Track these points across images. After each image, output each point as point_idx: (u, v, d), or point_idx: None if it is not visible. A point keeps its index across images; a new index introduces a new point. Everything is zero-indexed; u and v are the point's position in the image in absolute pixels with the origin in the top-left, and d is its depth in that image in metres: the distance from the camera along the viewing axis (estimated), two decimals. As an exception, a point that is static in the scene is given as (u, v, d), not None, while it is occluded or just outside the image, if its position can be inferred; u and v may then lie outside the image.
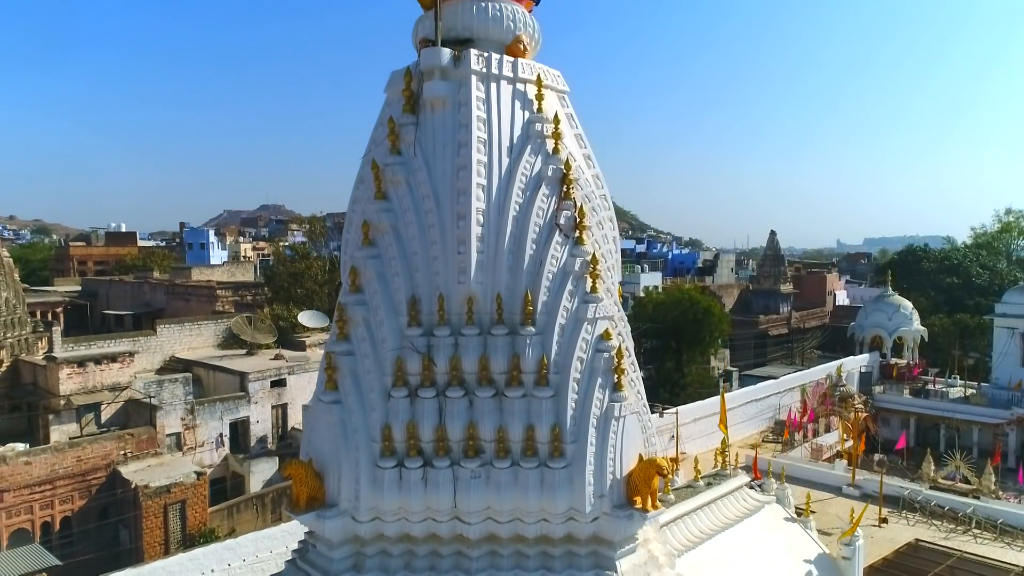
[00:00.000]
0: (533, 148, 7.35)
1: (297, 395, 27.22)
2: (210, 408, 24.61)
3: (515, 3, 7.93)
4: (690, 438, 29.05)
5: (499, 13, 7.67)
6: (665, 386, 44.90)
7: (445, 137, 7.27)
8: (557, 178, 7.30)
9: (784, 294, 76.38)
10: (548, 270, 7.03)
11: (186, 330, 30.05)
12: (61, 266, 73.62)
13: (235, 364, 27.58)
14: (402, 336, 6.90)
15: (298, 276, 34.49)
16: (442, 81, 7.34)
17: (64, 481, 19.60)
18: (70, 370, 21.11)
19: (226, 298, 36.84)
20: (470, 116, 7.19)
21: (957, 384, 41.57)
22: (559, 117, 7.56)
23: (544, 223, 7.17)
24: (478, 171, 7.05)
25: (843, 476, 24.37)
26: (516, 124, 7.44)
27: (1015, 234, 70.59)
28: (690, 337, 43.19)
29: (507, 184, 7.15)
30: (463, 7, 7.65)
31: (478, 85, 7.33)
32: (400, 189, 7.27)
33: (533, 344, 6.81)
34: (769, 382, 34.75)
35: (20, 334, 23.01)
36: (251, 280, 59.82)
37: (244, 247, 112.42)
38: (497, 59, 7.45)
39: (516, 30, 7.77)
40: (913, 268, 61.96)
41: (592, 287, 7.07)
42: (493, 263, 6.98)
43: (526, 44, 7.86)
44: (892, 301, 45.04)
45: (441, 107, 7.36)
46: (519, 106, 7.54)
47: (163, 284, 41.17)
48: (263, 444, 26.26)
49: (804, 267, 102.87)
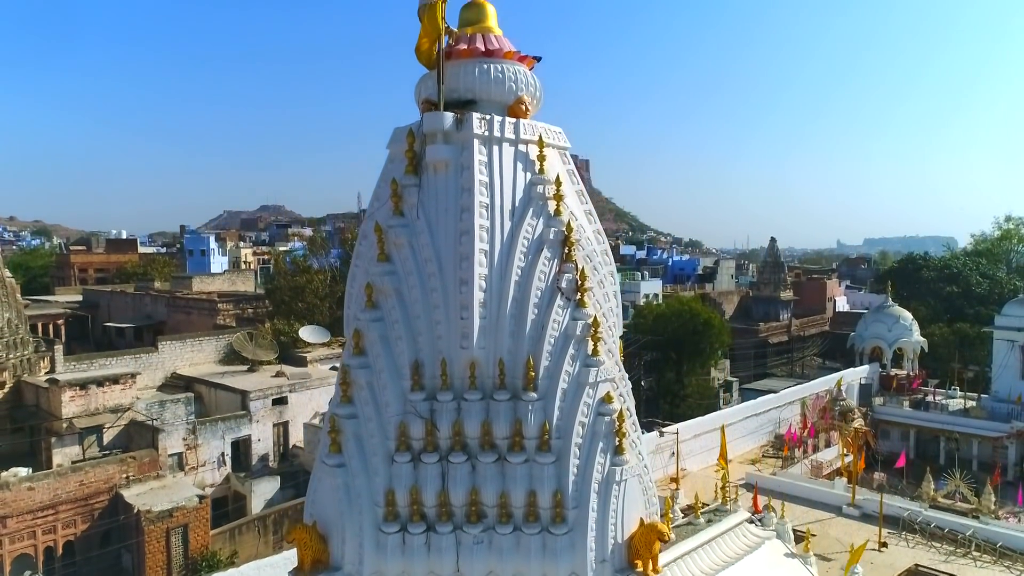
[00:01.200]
0: (535, 210, 7.42)
1: (298, 413, 27.28)
2: (212, 428, 24.69)
3: (517, 63, 8.03)
4: (690, 454, 29.12)
5: (501, 75, 7.75)
6: (665, 397, 45.07)
7: (448, 201, 7.35)
8: (559, 240, 7.37)
9: (784, 301, 76.53)
10: (550, 334, 7.09)
11: (188, 346, 30.13)
12: (62, 273, 73.76)
13: (236, 381, 27.65)
14: (405, 400, 6.97)
15: (299, 290, 34.58)
16: (444, 145, 7.42)
17: (67, 506, 19.67)
18: (72, 393, 21.18)
19: (227, 311, 36.94)
20: (472, 180, 7.26)
21: (957, 396, 41.65)
22: (560, 177, 7.65)
23: (546, 287, 7.24)
24: (481, 236, 7.12)
25: (843, 496, 24.42)
26: (518, 186, 7.51)
27: (1015, 241, 70.74)
28: (690, 348, 43.29)
29: (509, 248, 7.22)
30: (465, 69, 7.74)
31: (480, 148, 7.41)
32: (403, 252, 7.34)
33: (535, 410, 6.88)
34: (769, 396, 34.81)
35: (22, 354, 23.09)
36: (252, 290, 60.06)
37: (245, 252, 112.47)
38: (499, 121, 7.53)
39: (518, 91, 7.85)
40: (913, 276, 62.05)
41: (594, 350, 7.14)
42: (495, 328, 7.04)
43: (528, 105, 7.94)
44: (892, 312, 45.13)
45: (444, 170, 7.43)
46: (521, 167, 7.61)
47: (164, 296, 41.24)
48: (264, 462, 26.33)
49: (804, 272, 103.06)
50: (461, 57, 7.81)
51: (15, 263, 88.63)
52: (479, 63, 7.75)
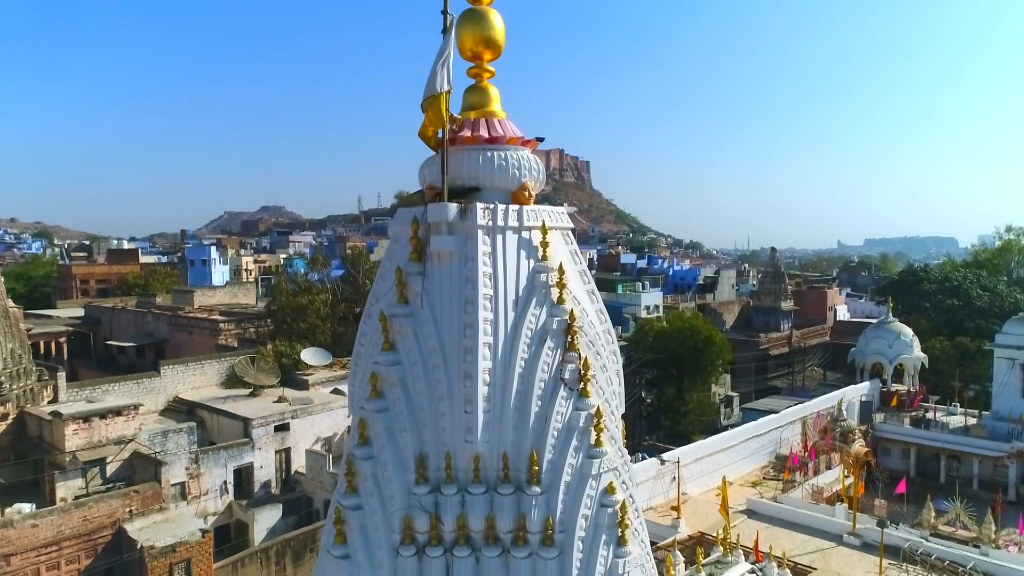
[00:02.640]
0: (538, 299, 7.49)
1: (300, 439, 27.36)
2: (214, 456, 24.77)
3: (520, 147, 8.12)
4: (691, 478, 29.16)
5: (504, 163, 7.83)
6: (666, 413, 45.12)
7: (452, 291, 7.42)
8: (562, 330, 7.43)
9: (785, 311, 76.68)
10: (553, 426, 7.16)
11: (190, 370, 30.20)
12: (64, 284, 73.92)
13: (239, 407, 27.73)
14: (410, 493, 7.04)
15: (301, 310, 34.67)
16: (449, 236, 7.50)
17: (70, 542, 19.71)
18: (76, 426, 21.25)
19: (229, 331, 37.04)
20: (476, 272, 7.34)
21: (957, 412, 41.76)
22: (563, 266, 7.73)
23: (549, 378, 7.31)
24: (485, 329, 7.19)
25: (844, 524, 24.45)
26: (522, 275, 7.58)
27: (1015, 252, 70.83)
28: (691, 365, 43.36)
29: (513, 340, 7.29)
30: (469, 157, 7.82)
31: (484, 239, 7.48)
32: (408, 341, 7.41)
33: (538, 504, 6.95)
34: (770, 416, 34.86)
35: (25, 384, 23.17)
36: (253, 302, 60.20)
37: (246, 260, 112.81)
38: (503, 210, 7.60)
39: (522, 177, 7.93)
40: (913, 289, 62.12)
41: (596, 440, 7.21)
42: (499, 422, 7.12)
43: (531, 190, 8.02)
44: (892, 328, 45.24)
45: (448, 259, 7.51)
46: (524, 255, 7.68)
47: (166, 315, 41.36)
48: (267, 489, 26.40)
49: (804, 281, 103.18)
50: (465, 144, 7.89)
51: (16, 273, 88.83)
52: (483, 151, 7.83)
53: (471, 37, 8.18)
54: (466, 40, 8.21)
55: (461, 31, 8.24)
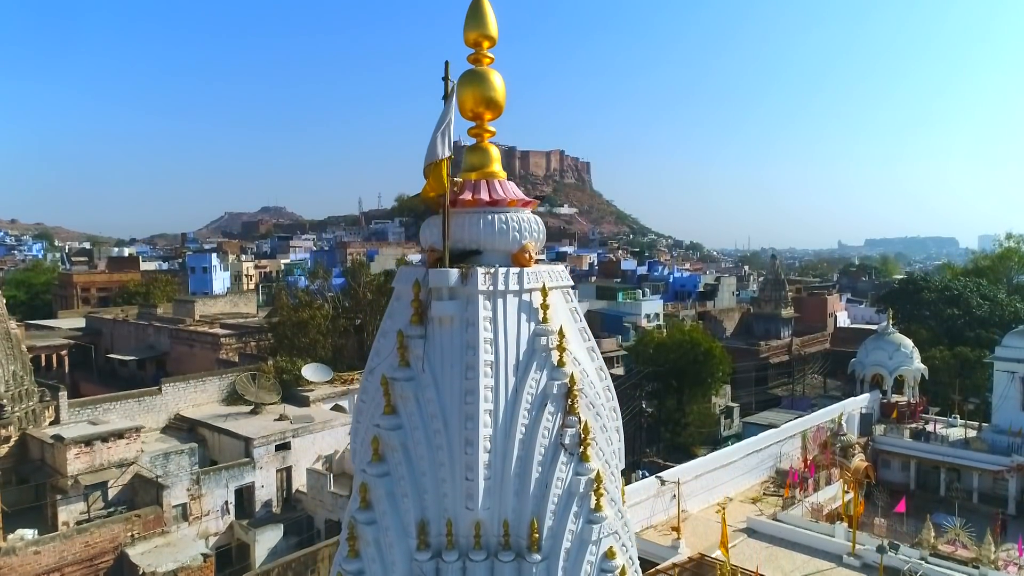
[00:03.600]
0: (539, 363, 7.55)
1: (301, 457, 27.42)
2: (216, 476, 24.83)
3: (521, 208, 8.19)
4: (691, 495, 29.20)
5: (505, 226, 7.90)
6: (666, 425, 45.19)
7: (453, 356, 7.48)
8: (562, 394, 7.50)
9: (785, 319, 76.75)
10: (554, 492, 7.23)
11: (191, 387, 30.27)
12: (65, 292, 74.02)
13: (240, 426, 27.79)
14: (411, 560, 7.11)
15: (302, 325, 34.77)
16: (450, 301, 7.57)
17: (72, 567, 19.77)
18: (77, 450, 21.31)
19: (230, 345, 37.14)
20: (477, 338, 7.40)
21: (957, 424, 41.85)
22: (564, 326, 7.81)
23: (549, 443, 7.38)
24: (485, 396, 7.26)
25: (843, 544, 24.50)
26: (522, 339, 7.64)
27: (1015, 260, 70.89)
28: (691, 377, 43.41)
29: (514, 405, 7.36)
30: (470, 220, 7.89)
31: (485, 304, 7.55)
32: (409, 405, 7.47)
33: (539, 571, 7.01)
34: (770, 431, 34.91)
35: (27, 406, 23.24)
36: (253, 311, 60.32)
37: (246, 266, 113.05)
38: (503, 274, 7.66)
39: (523, 239, 8.00)
40: (914, 298, 62.20)
41: (596, 504, 7.28)
42: (500, 489, 7.18)
43: (531, 252, 8.08)
44: (892, 339, 45.35)
45: (449, 324, 7.57)
46: (525, 318, 7.75)
47: (167, 328, 41.45)
48: (268, 508, 26.46)
49: (804, 286, 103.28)
50: (466, 207, 7.96)
51: (17, 280, 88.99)
52: (484, 214, 7.90)
53: (472, 98, 8.26)
54: (467, 100, 8.29)
55: (462, 92, 8.32)
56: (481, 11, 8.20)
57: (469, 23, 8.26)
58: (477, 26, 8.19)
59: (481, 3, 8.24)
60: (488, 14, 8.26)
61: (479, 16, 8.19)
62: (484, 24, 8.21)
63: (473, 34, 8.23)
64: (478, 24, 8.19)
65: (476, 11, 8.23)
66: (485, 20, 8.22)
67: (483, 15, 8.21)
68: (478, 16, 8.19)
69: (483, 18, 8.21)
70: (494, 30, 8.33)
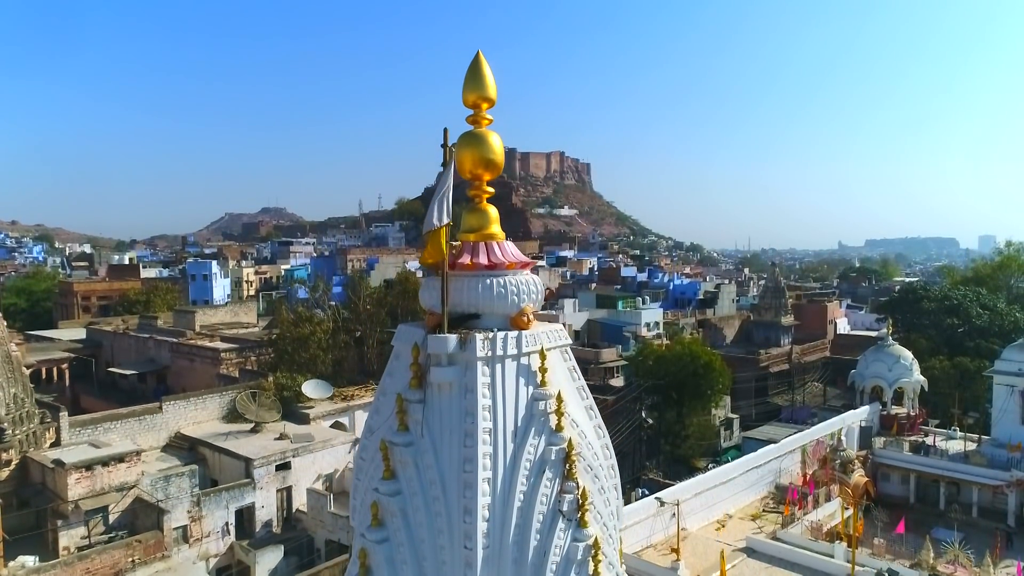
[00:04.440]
0: (537, 429, 7.60)
1: (301, 477, 27.46)
2: (216, 498, 24.88)
3: (520, 269, 8.24)
4: (691, 513, 29.21)
5: (503, 290, 7.94)
6: (666, 437, 45.22)
7: (452, 422, 7.53)
8: (560, 459, 7.55)
9: (785, 326, 76.79)
10: (552, 560, 7.28)
11: (191, 405, 30.31)
12: (65, 301, 74.09)
13: (240, 445, 27.84)
14: (411, 628, 7.16)
15: (302, 340, 34.85)
16: (448, 367, 7.61)
17: (72, 594, 19.84)
18: (78, 475, 21.36)
19: (230, 360, 37.22)
20: (476, 404, 7.44)
21: (957, 436, 41.86)
22: (562, 387, 7.87)
23: (548, 510, 7.42)
24: (484, 464, 7.30)
25: (843, 566, 24.53)
26: (520, 404, 7.69)
27: (1014, 268, 70.93)
28: (691, 390, 43.45)
29: (512, 472, 7.41)
30: (469, 284, 7.93)
31: (483, 370, 7.59)
32: (408, 471, 7.52)
33: (537, 640, 7.07)
34: (770, 447, 34.92)
35: (27, 428, 23.29)
36: (254, 321, 60.41)
37: (247, 272, 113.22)
38: (502, 339, 7.71)
39: (520, 303, 8.03)
40: (914, 307, 62.25)
41: (595, 571, 7.33)
42: (498, 557, 7.23)
43: (529, 315, 8.13)
44: (892, 351, 45.38)
45: (448, 390, 7.62)
46: (523, 382, 7.79)
47: (168, 342, 41.54)
48: (268, 528, 26.51)
49: (804, 293, 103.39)
50: (465, 270, 8.01)
51: (18, 287, 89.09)
52: (482, 278, 7.94)
53: (470, 159, 8.32)
54: (465, 161, 8.34)
55: (461, 153, 8.38)
56: (480, 73, 8.27)
57: (468, 85, 8.31)
58: (476, 88, 8.25)
59: (480, 65, 8.31)
60: (487, 76, 8.32)
61: (478, 78, 8.26)
62: (483, 86, 8.27)
63: (472, 95, 8.28)
64: (477, 86, 8.25)
65: (475, 73, 8.29)
66: (484, 82, 8.28)
67: (482, 77, 8.27)
68: (477, 78, 8.26)
69: (482, 80, 8.27)
70: (493, 92, 8.39)
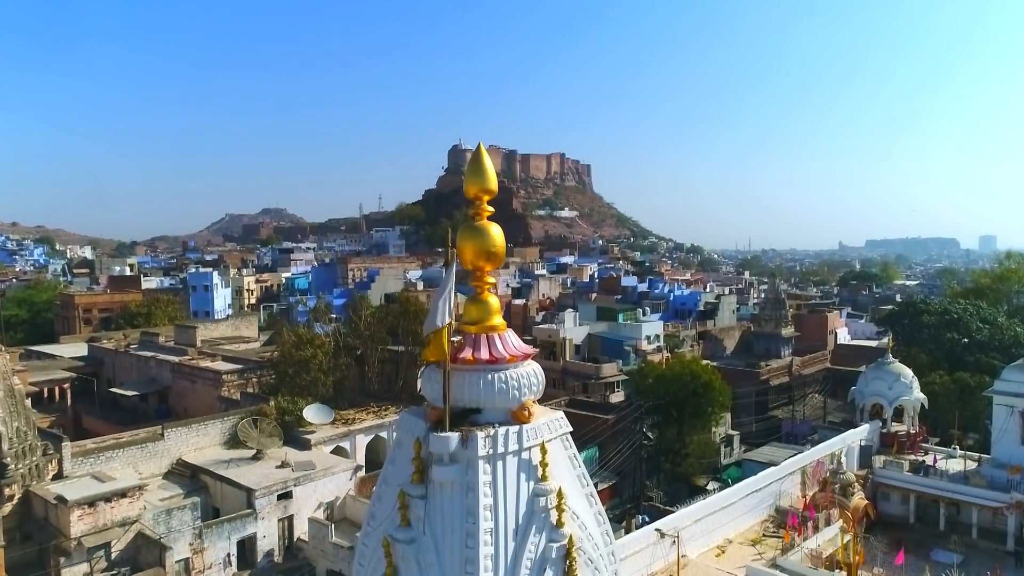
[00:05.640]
0: (537, 526, 7.71)
1: (303, 506, 27.55)
2: (218, 529, 24.97)
3: (521, 361, 8.33)
4: (691, 539, 29.27)
5: (504, 385, 8.03)
6: (667, 455, 45.29)
7: (454, 521, 7.62)
8: (561, 556, 7.65)
9: (785, 338, 76.81)
10: (552, 659, 7.39)
11: (193, 432, 30.39)
12: (66, 314, 74.18)
13: (242, 472, 27.91)
14: None
15: (304, 363, 34.96)
16: (450, 465, 7.71)
17: (75, 634, 19.90)
18: (81, 511, 21.43)
19: (232, 382, 37.33)
20: (477, 504, 7.54)
21: (957, 455, 41.87)
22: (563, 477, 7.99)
23: (548, 609, 7.54)
24: (485, 565, 7.40)
25: (843, 597, 24.60)
26: (522, 500, 7.79)
27: (1014, 281, 71.01)
28: (691, 409, 43.54)
29: (513, 571, 7.52)
30: (471, 380, 8.02)
31: (485, 468, 7.69)
32: (410, 568, 7.61)
33: None
34: (770, 470, 34.99)
35: (31, 461, 23.40)
36: (255, 335, 60.52)
37: (247, 280, 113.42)
38: (503, 436, 7.80)
39: (522, 397, 8.12)
40: (914, 321, 62.33)
41: (594, 668, 7.43)
42: (500, 660, 7.34)
43: (530, 409, 8.23)
44: (892, 369, 45.39)
45: (450, 488, 7.71)
46: (524, 478, 7.89)
47: (169, 362, 41.66)
48: (270, 558, 26.59)
49: (804, 302, 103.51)
50: (467, 364, 8.10)
51: (19, 298, 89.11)
52: (484, 374, 8.03)
53: (472, 250, 8.44)
54: (467, 252, 8.47)
55: (463, 244, 8.51)
56: (482, 167, 8.40)
57: (471, 178, 8.45)
58: (478, 180, 8.39)
59: (482, 159, 8.45)
60: (488, 170, 8.47)
61: (480, 172, 8.40)
62: (485, 179, 8.41)
63: (474, 188, 8.42)
64: (479, 179, 8.39)
65: (477, 167, 8.43)
66: (486, 175, 8.42)
67: (484, 171, 8.40)
68: (479, 172, 8.40)
69: (484, 173, 8.41)
70: (494, 184, 8.55)
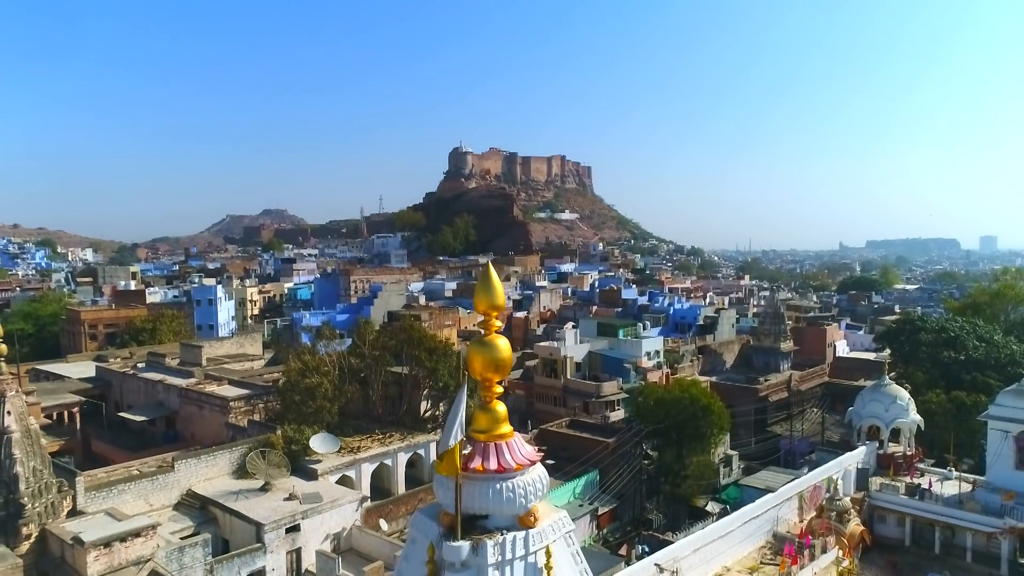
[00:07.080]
0: (543, 631, 8.38)
1: (311, 538, 28.18)
2: (228, 565, 25.61)
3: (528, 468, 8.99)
4: (689, 569, 29.84)
5: (512, 494, 8.71)
6: (666, 477, 45.91)
7: (466, 626, 8.31)
8: (563, 664, 8.34)
9: (784, 352, 77.41)
10: None
11: (202, 463, 31.08)
12: (72, 330, 74.88)
13: (251, 506, 28.55)
14: None
15: (310, 391, 35.62)
16: (462, 572, 8.39)
17: (92, 674, 20.45)
18: (96, 552, 22.06)
19: (239, 409, 38.02)
20: (487, 610, 8.23)
21: (952, 476, 42.46)
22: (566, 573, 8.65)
23: None
24: (495, 669, 8.08)
25: (838, 630, 25.20)
26: (528, 604, 8.48)
27: (1010, 297, 71.62)
28: (690, 432, 44.17)
29: (519, 676, 8.19)
30: (480, 489, 8.69)
31: (494, 575, 8.39)
32: (426, 667, 8.30)
33: None
34: (767, 497, 35.57)
35: (47, 499, 24.06)
36: (259, 352, 61.26)
37: (250, 291, 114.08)
38: (511, 542, 8.49)
39: (528, 503, 8.80)
40: (911, 339, 62.96)
41: None
42: None
43: (536, 514, 8.90)
44: (889, 391, 45.98)
45: (462, 593, 8.40)
46: (530, 581, 8.58)
47: (176, 387, 42.38)
48: (278, 591, 27.26)
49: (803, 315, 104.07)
50: (476, 474, 8.76)
51: (24, 312, 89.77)
52: (492, 484, 8.70)
53: (481, 362, 9.10)
54: (476, 364, 9.14)
55: (472, 357, 9.19)
56: (491, 285, 9.06)
57: (480, 295, 9.09)
58: (488, 297, 9.04)
59: (491, 278, 9.11)
60: (497, 287, 9.13)
61: (489, 289, 9.05)
62: (494, 296, 9.07)
63: (483, 304, 9.07)
64: (489, 296, 9.04)
65: (487, 285, 9.08)
66: (495, 292, 9.07)
67: (492, 288, 9.06)
68: (489, 290, 9.05)
69: (492, 291, 9.06)
70: (502, 300, 9.20)
